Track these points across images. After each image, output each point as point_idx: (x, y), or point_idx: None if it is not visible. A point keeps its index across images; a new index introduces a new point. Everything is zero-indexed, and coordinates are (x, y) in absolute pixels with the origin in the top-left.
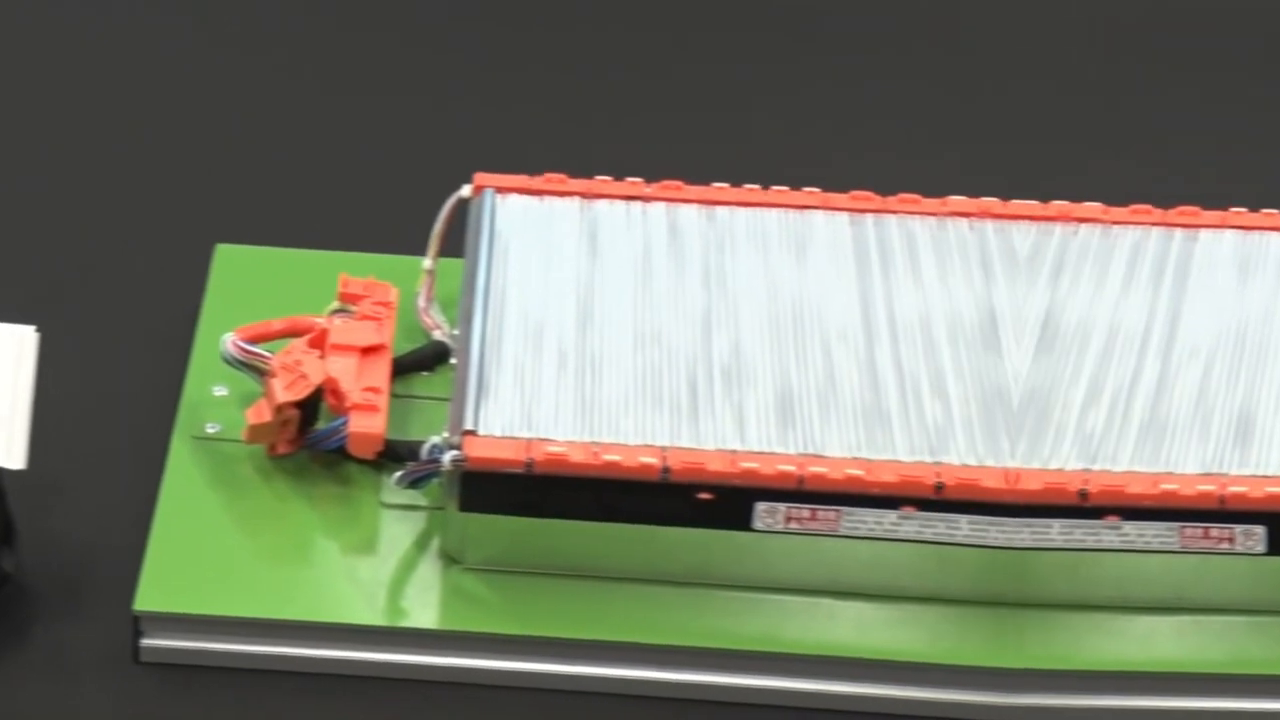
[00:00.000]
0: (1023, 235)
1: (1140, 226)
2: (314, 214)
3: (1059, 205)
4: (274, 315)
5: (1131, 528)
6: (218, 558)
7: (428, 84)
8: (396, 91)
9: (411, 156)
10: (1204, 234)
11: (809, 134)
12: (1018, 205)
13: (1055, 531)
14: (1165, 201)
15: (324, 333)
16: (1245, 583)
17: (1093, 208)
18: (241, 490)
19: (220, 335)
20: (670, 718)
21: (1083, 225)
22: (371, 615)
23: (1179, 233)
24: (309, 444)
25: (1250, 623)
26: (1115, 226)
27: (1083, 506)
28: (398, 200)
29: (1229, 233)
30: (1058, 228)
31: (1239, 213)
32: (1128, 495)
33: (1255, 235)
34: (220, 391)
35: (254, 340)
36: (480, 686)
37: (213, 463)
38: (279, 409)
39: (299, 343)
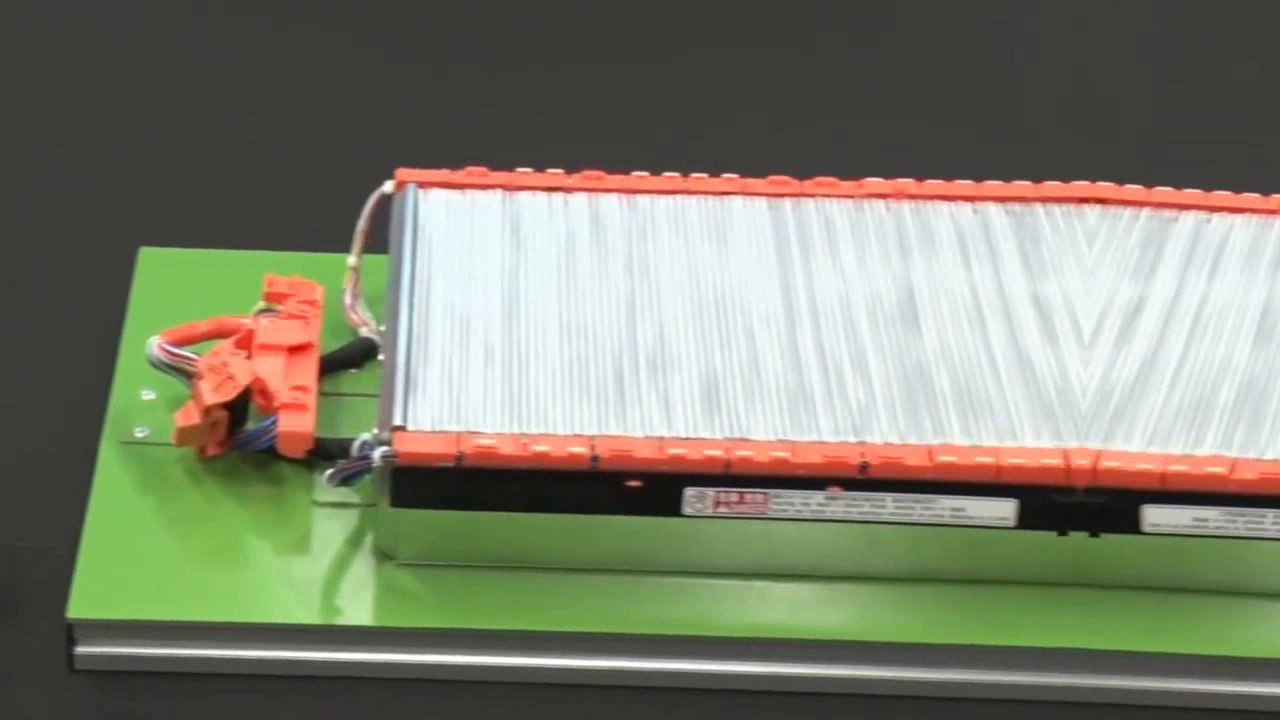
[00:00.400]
0: (940, 215)
1: (1050, 204)
2: (237, 214)
3: (974, 185)
4: (200, 317)
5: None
6: (150, 562)
7: (347, 81)
8: (316, 89)
9: (333, 154)
10: (1111, 210)
11: (725, 121)
12: (933, 185)
13: (973, 509)
14: (1070, 178)
15: (250, 333)
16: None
17: (1008, 186)
18: (172, 493)
19: (146, 339)
20: (607, 705)
21: (998, 204)
22: (306, 614)
23: (1094, 209)
24: (239, 445)
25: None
26: (1029, 204)
27: (996, 484)
28: (321, 198)
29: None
30: (974, 207)
31: (1145, 189)
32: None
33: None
34: (148, 395)
35: (180, 343)
36: (417, 682)
37: (142, 467)
38: (207, 411)
39: (225, 344)
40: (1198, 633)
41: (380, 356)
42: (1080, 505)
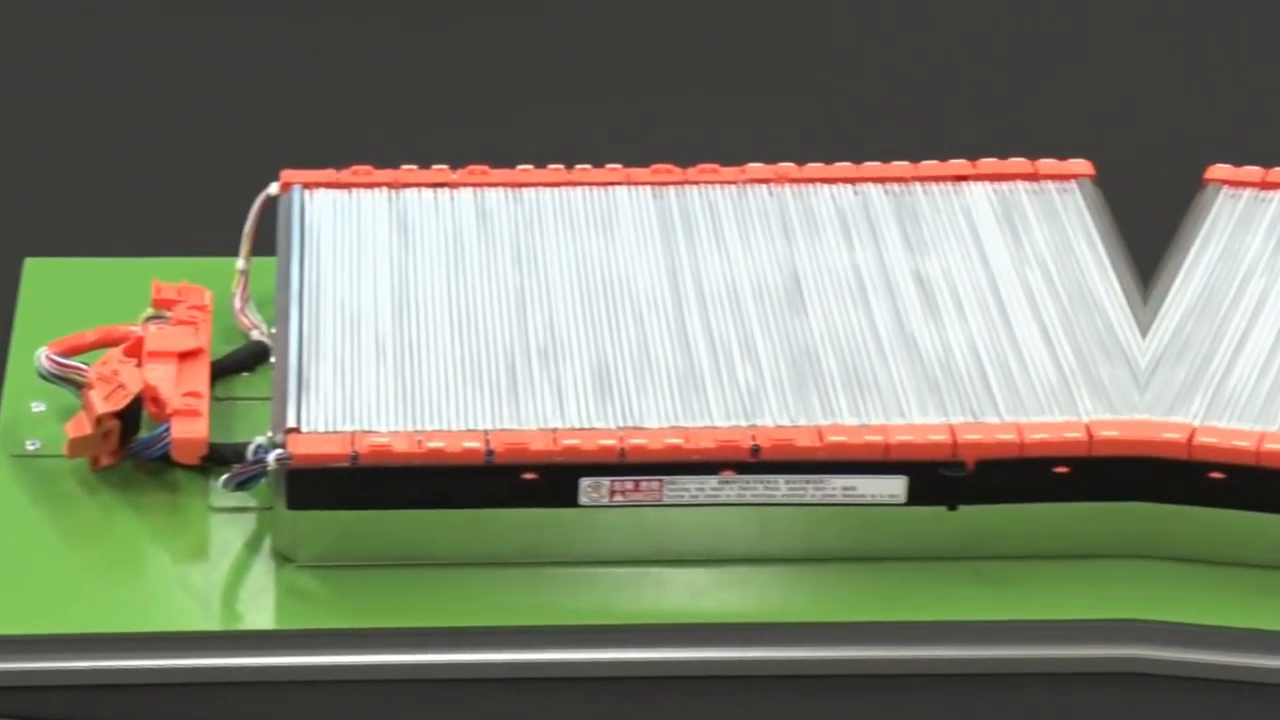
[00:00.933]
0: (821, 197)
1: (927, 182)
2: (122, 222)
3: (854, 167)
4: (88, 326)
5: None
6: (47, 575)
7: (228, 84)
8: (196, 93)
9: (217, 157)
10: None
11: (607, 112)
12: (814, 168)
13: (864, 487)
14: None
15: (140, 341)
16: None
17: (887, 167)
18: (67, 506)
19: (34, 350)
20: (512, 698)
21: (878, 184)
22: (207, 621)
23: (982, 186)
24: (132, 454)
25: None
26: (908, 184)
27: (888, 461)
28: (206, 202)
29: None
30: (854, 188)
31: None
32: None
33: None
34: (38, 408)
35: (69, 353)
36: (322, 684)
37: (35, 480)
38: (99, 421)
39: (115, 352)
40: (1092, 598)
41: (272, 359)
42: (969, 479)
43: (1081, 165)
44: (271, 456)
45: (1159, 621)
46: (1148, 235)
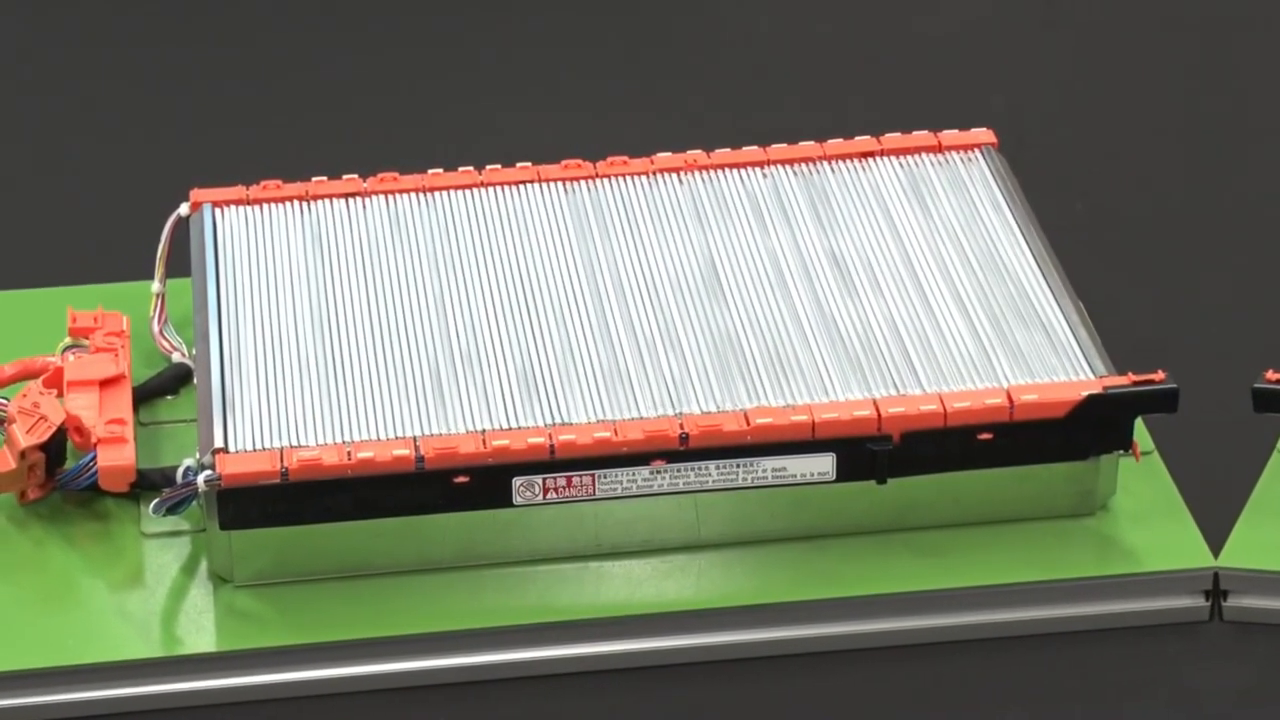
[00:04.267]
0: (732, 182)
1: (835, 161)
2: (32, 252)
3: (762, 150)
4: (4, 360)
5: (790, 462)
6: None
7: (129, 108)
8: (96, 120)
9: (123, 181)
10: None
11: (512, 111)
12: (722, 154)
13: (794, 467)
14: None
15: (59, 371)
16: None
17: (795, 148)
18: None
19: None
20: (458, 702)
21: (787, 166)
22: (147, 648)
23: (889, 161)
24: (60, 485)
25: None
26: (816, 163)
27: (815, 440)
28: (116, 227)
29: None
30: (763, 171)
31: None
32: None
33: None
34: None
35: None
36: (267, 702)
37: None
38: (23, 454)
39: (35, 384)
40: (1023, 562)
41: (195, 380)
42: (896, 452)
43: (984, 134)
44: (201, 478)
45: (1094, 578)
46: (1053, 198)
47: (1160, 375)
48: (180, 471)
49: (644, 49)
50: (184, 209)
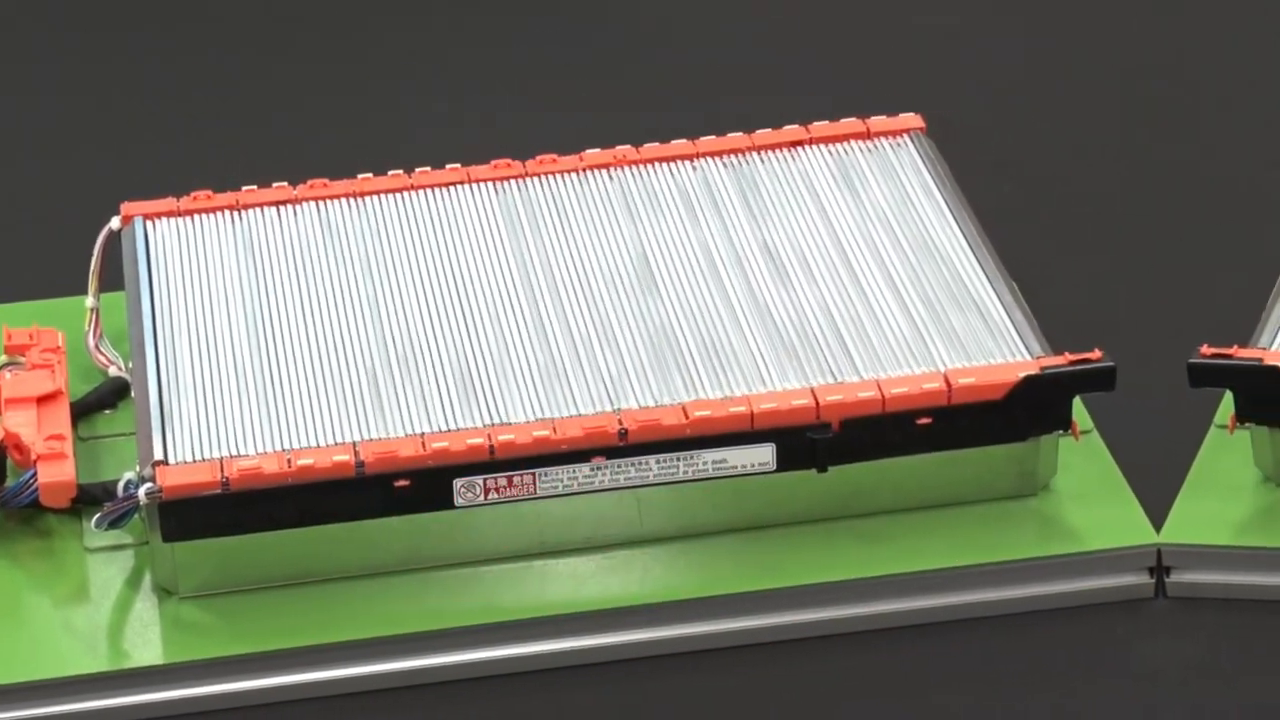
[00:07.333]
0: (661, 176)
1: (765, 151)
2: None
3: (690, 143)
4: None
5: (730, 454)
6: None
7: (54, 124)
8: (23, 137)
9: (54, 198)
10: (805, 150)
11: (439, 113)
12: (651, 148)
13: (734, 458)
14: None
15: None
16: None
17: (723, 140)
18: None
19: None
20: (408, 705)
21: (716, 158)
22: (94, 662)
23: (818, 149)
24: (1, 504)
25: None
26: (744, 154)
27: (754, 431)
28: (48, 243)
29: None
30: (693, 164)
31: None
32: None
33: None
34: None
35: None
36: (216, 713)
37: None
38: None
39: None
40: (966, 545)
41: (133, 394)
42: (835, 439)
43: (912, 119)
44: (142, 491)
45: (1037, 558)
46: (982, 180)
47: (1097, 354)
48: (121, 485)
49: (567, 49)
50: (115, 223)
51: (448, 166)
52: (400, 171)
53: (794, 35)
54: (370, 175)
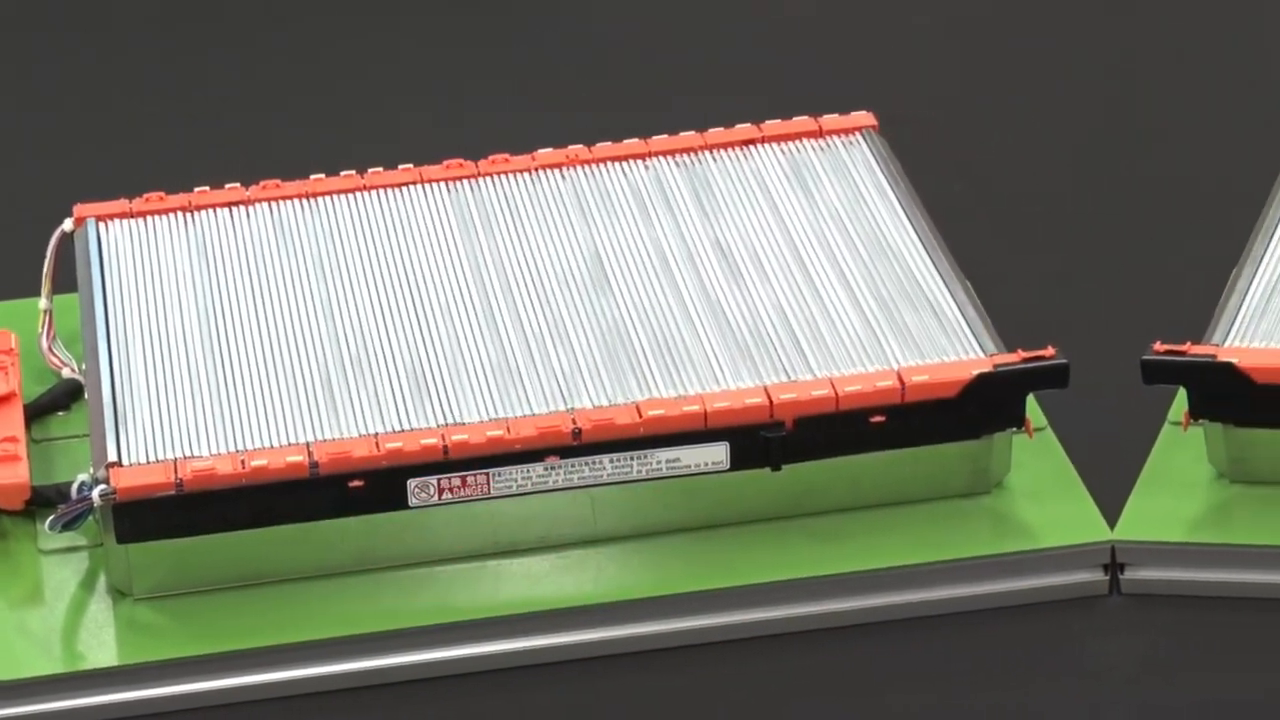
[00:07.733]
0: (614, 175)
1: (717, 150)
2: None
3: (643, 142)
4: None
5: (683, 453)
6: None
7: (8, 126)
8: None
9: (5, 199)
10: (757, 149)
11: (388, 115)
12: (604, 148)
13: (687, 457)
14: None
15: None
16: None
17: (676, 139)
18: None
19: None
20: (363, 705)
21: (668, 157)
22: (49, 664)
23: (770, 148)
24: None
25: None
26: (697, 153)
27: (708, 430)
28: (0, 245)
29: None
30: (645, 163)
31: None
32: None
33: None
34: None
35: None
36: (172, 714)
37: None
38: None
39: None
40: (919, 543)
41: (86, 395)
42: (789, 438)
43: (864, 117)
44: (95, 493)
45: (992, 556)
46: (935, 179)
47: (1050, 351)
48: (75, 487)
49: (518, 48)
50: (68, 224)
51: (400, 167)
52: (353, 172)
53: (750, 35)
54: (323, 176)
